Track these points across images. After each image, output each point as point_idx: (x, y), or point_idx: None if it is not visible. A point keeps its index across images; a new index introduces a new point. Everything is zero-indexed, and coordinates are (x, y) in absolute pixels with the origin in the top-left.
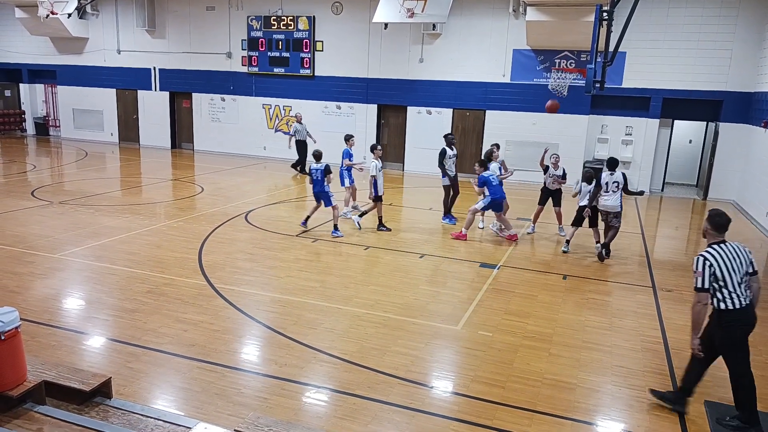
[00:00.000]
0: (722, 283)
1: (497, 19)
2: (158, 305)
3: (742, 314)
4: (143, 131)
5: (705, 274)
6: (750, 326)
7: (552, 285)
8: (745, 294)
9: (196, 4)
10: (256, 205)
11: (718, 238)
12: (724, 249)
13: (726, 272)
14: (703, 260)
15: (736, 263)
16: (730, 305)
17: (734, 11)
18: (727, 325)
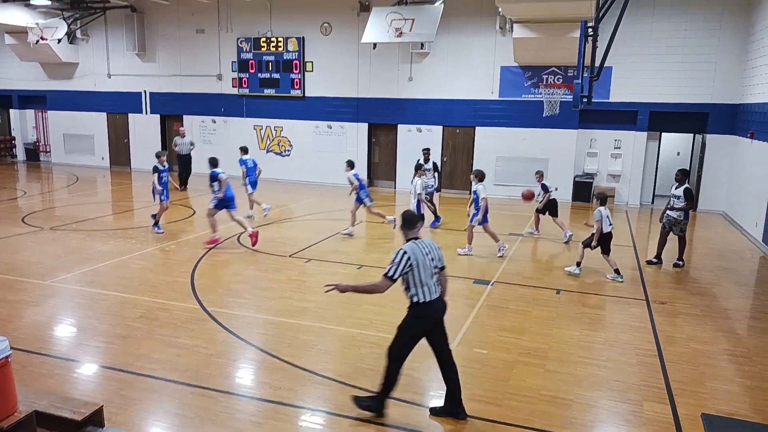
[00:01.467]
0: (416, 277)
1: (485, 36)
2: (151, 330)
3: (430, 307)
4: (134, 155)
5: (400, 266)
6: (438, 318)
7: (546, 300)
8: (435, 288)
9: (185, 27)
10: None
11: (413, 234)
12: (419, 245)
13: (420, 266)
14: (403, 253)
15: (428, 258)
16: (422, 298)
17: (717, 24)
18: (418, 316)
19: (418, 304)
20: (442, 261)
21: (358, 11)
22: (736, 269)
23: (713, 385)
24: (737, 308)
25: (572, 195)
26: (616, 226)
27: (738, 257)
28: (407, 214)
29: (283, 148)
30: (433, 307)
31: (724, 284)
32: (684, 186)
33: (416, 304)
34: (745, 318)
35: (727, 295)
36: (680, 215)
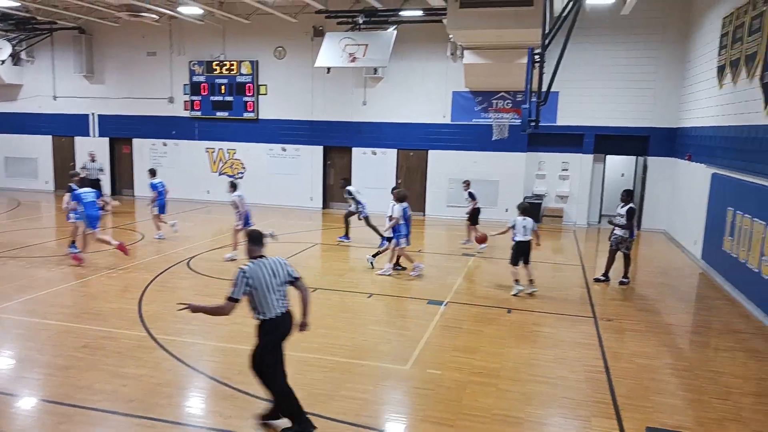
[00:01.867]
0: (258, 295)
1: (436, 62)
2: (94, 360)
3: (273, 323)
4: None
5: (240, 287)
6: (285, 333)
7: (497, 319)
8: (279, 304)
9: (136, 50)
10: (199, 250)
11: (257, 253)
12: (262, 263)
13: (260, 285)
14: (242, 274)
15: (270, 276)
16: (266, 316)
17: (656, 52)
18: (265, 333)
19: (263, 321)
20: (292, 274)
21: (311, 36)
22: (677, 286)
23: (657, 399)
24: (679, 323)
25: None
26: (564, 246)
27: (679, 274)
28: (252, 233)
29: (236, 170)
30: (276, 324)
31: (667, 300)
32: (628, 205)
33: (262, 322)
34: (687, 333)
35: (669, 311)
36: (626, 233)
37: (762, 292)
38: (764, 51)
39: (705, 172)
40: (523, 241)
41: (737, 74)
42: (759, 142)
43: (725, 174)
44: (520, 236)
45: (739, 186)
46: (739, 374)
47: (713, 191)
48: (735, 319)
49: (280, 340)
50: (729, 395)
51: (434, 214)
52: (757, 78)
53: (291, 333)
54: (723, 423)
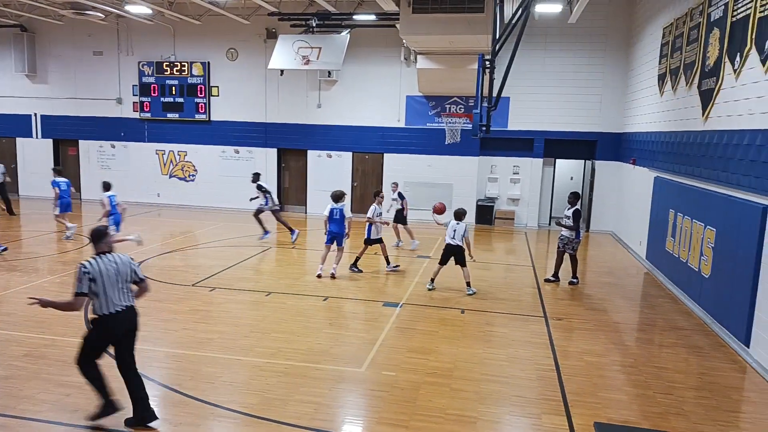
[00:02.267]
0: (98, 290)
1: (390, 66)
2: (37, 369)
3: (113, 319)
4: (23, 181)
5: (83, 282)
6: (125, 329)
7: (451, 320)
8: (120, 299)
9: (81, 49)
10: (149, 254)
11: (100, 249)
12: (103, 259)
13: (101, 280)
14: (82, 269)
15: (113, 272)
16: (105, 311)
17: (601, 60)
18: (101, 328)
19: (101, 316)
20: (137, 274)
21: (264, 38)
22: (624, 285)
23: (605, 395)
24: (626, 321)
25: (475, 218)
26: (516, 248)
27: (625, 274)
28: (94, 230)
29: (187, 173)
30: (116, 319)
31: (614, 300)
32: (574, 208)
33: (100, 317)
34: (633, 330)
35: (616, 310)
36: (572, 235)
37: (701, 290)
38: (701, 60)
39: (648, 175)
40: (450, 243)
41: (677, 82)
42: (697, 147)
43: (667, 177)
44: (448, 238)
45: (680, 189)
46: (681, 369)
47: (656, 194)
48: (677, 316)
49: (119, 335)
50: (672, 389)
51: (390, 216)
52: (695, 86)
53: (135, 329)
54: (666, 417)
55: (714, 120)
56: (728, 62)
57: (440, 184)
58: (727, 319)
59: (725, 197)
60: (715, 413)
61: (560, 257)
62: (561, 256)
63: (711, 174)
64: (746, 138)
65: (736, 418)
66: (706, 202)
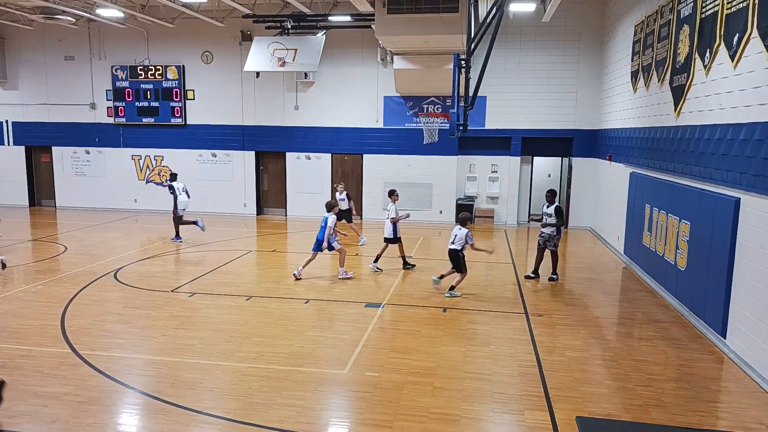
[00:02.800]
0: None
1: (367, 67)
2: (12, 381)
3: None
4: None
5: None
6: None
7: (433, 319)
8: None
9: (52, 54)
10: (127, 261)
11: None
12: None
13: None
14: None
15: None
16: None
17: (575, 58)
18: None
19: None
20: None
21: (239, 40)
22: (603, 280)
23: (586, 389)
24: (605, 316)
25: (455, 217)
26: (496, 245)
27: (604, 269)
28: None
29: (164, 177)
30: None
31: (594, 295)
32: (554, 205)
33: None
34: (612, 324)
35: (596, 305)
36: (553, 231)
37: (678, 283)
38: (672, 57)
39: (624, 171)
40: (450, 248)
41: (649, 79)
42: (671, 142)
43: (642, 173)
44: (449, 243)
45: (655, 184)
46: (660, 361)
47: (632, 189)
48: (655, 309)
49: None
50: (651, 382)
51: (371, 217)
52: (667, 82)
53: None
54: (646, 408)
55: (686, 115)
56: (698, 58)
57: (420, 183)
58: (704, 311)
59: (699, 191)
60: (693, 404)
61: (540, 254)
62: (541, 252)
63: (684, 168)
64: (717, 132)
65: (715, 408)
66: (680, 196)
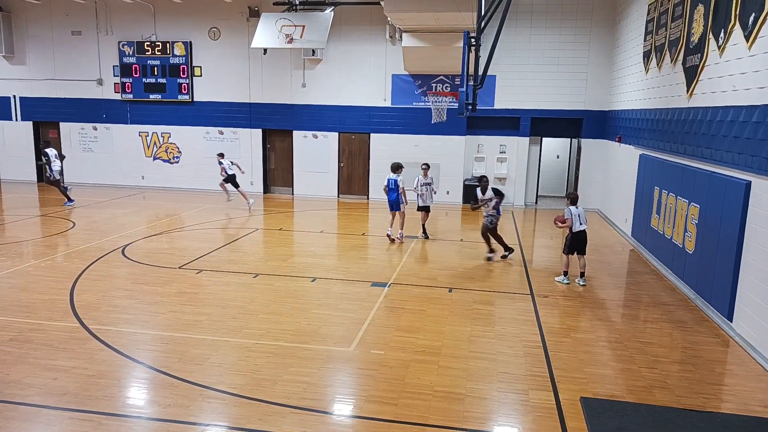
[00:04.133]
0: None
1: (375, 44)
2: (23, 354)
3: None
4: (4, 165)
5: None
6: None
7: (439, 298)
8: None
9: (59, 29)
10: (135, 237)
11: None
12: None
13: None
14: None
15: None
16: None
17: (587, 37)
18: None
19: None
20: None
21: (247, 16)
22: (609, 262)
23: (591, 370)
24: (611, 298)
25: (462, 197)
26: (503, 227)
27: (611, 251)
28: None
29: (172, 155)
30: None
31: (600, 276)
32: (489, 189)
33: None
34: (618, 306)
35: (602, 287)
36: (495, 212)
37: (685, 265)
38: (686, 36)
39: (633, 153)
40: (580, 230)
41: (662, 59)
42: (682, 124)
43: (652, 155)
44: (577, 226)
45: (665, 166)
46: (665, 344)
47: (641, 171)
48: (661, 292)
49: None
50: (656, 364)
51: (377, 197)
52: (680, 63)
53: None
54: (651, 390)
55: (698, 97)
56: (713, 38)
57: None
58: (711, 294)
59: (709, 174)
60: (698, 386)
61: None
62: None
63: (695, 151)
64: (730, 114)
65: (719, 391)
66: (690, 178)
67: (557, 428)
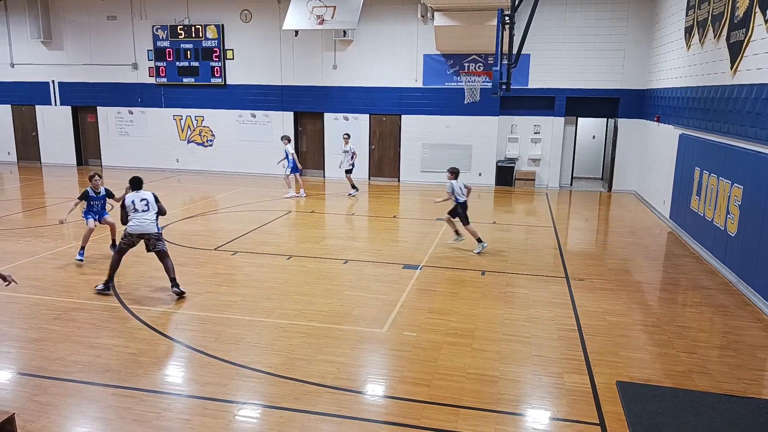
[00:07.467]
0: None
1: (407, 24)
2: (67, 332)
3: None
4: (44, 148)
5: None
6: None
7: (471, 281)
8: None
9: (95, 14)
10: (171, 220)
11: None
12: None
13: None
14: None
15: None
16: None
17: (625, 14)
18: None
19: None
20: None
21: None
22: (646, 245)
23: (627, 354)
24: (648, 281)
25: (495, 179)
26: (537, 209)
27: (648, 234)
28: None
29: (205, 138)
30: None
31: (637, 259)
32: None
33: None
34: (655, 290)
35: (639, 270)
36: None
37: (727, 248)
38: (730, 11)
39: (673, 132)
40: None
41: (704, 35)
42: (725, 102)
43: (692, 134)
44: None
45: (706, 146)
46: (705, 328)
47: (681, 152)
48: (701, 275)
49: None
50: (696, 349)
51: (408, 179)
52: (724, 38)
53: None
54: (690, 375)
55: (743, 74)
56: (759, 13)
57: (459, 145)
58: (753, 278)
59: (754, 153)
60: (739, 371)
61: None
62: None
63: (739, 130)
64: None
65: (761, 377)
66: (733, 159)
67: (593, 412)
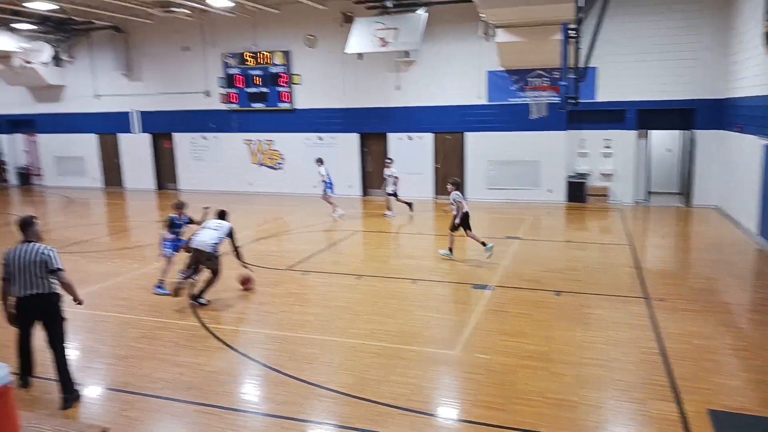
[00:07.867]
0: (13, 275)
1: (469, 42)
2: (152, 350)
3: (21, 301)
4: (127, 174)
5: None
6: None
7: (545, 302)
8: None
9: (170, 46)
10: (245, 240)
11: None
12: (21, 248)
13: (14, 266)
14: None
15: (27, 260)
16: (16, 293)
17: (698, 21)
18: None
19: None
20: (52, 264)
21: (341, 22)
22: (732, 263)
23: (718, 380)
24: (736, 302)
25: (567, 196)
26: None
27: (733, 250)
28: (19, 220)
29: (275, 161)
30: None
31: (722, 278)
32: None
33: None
34: (745, 311)
35: (725, 289)
36: None
37: None
38: None
39: (757, 143)
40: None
41: None
42: None
43: None
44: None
45: None
46: None
47: (767, 163)
48: None
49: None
50: None
51: (475, 197)
52: None
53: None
54: None
55: None
56: None
57: (526, 161)
58: None
59: None
60: None
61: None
62: None
63: None
64: None
65: None
66: None
67: None
